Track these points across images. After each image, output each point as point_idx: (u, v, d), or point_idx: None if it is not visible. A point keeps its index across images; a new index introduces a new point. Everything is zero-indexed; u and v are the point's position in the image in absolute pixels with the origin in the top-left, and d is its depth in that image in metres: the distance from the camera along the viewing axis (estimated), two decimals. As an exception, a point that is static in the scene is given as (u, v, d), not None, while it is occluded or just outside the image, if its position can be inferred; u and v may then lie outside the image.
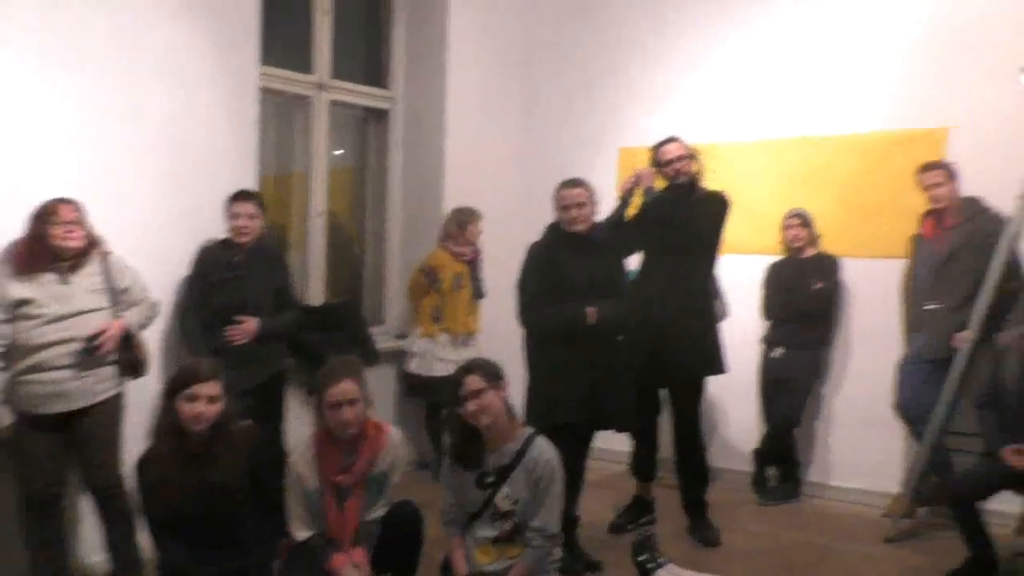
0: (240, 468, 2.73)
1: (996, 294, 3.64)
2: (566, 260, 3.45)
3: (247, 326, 3.57)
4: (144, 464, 2.72)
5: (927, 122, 4.21)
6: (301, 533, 2.80)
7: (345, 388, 2.75)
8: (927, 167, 3.92)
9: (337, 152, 5.04)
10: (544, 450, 2.77)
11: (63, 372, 2.98)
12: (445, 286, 4.55)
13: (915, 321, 4.02)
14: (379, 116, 5.16)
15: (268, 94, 4.33)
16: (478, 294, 4.68)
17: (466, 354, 4.52)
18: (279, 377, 3.80)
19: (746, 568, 3.37)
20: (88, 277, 3.08)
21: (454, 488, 2.85)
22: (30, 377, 2.96)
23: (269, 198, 4.58)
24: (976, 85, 4.05)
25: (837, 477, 4.49)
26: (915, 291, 4.02)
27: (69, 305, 3.00)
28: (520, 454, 2.76)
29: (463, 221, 4.59)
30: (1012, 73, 3.67)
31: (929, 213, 3.98)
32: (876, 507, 4.22)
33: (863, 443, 4.38)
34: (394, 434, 2.93)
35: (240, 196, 3.65)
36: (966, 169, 3.91)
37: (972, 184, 3.90)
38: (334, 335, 4.36)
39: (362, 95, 4.99)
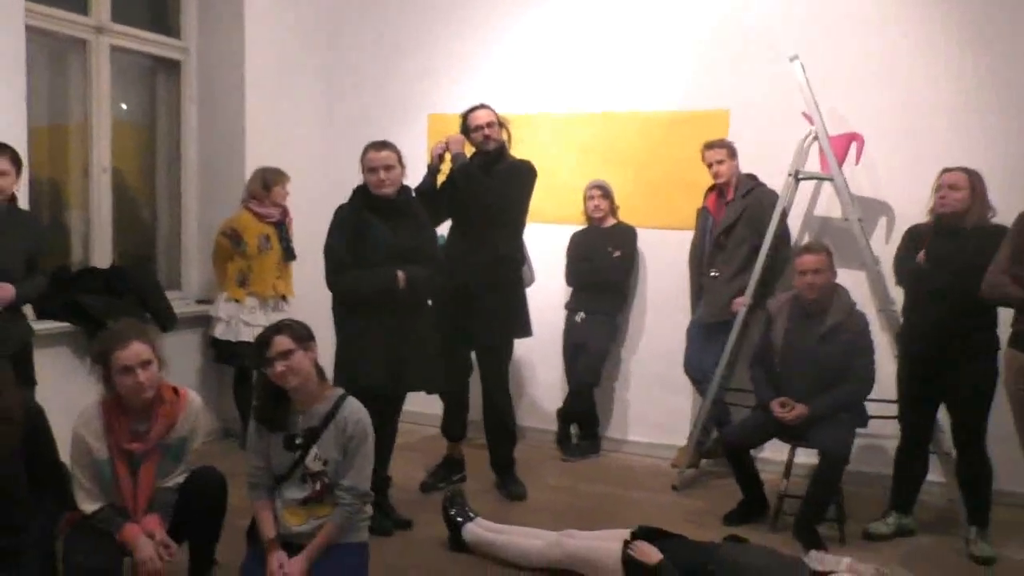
0: (13, 443, 2.48)
1: (768, 263, 4.05)
2: (374, 224, 3.41)
3: (2, 293, 3.20)
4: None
5: (711, 103, 4.57)
6: (88, 506, 2.60)
7: (137, 350, 2.57)
8: (710, 145, 4.26)
9: (124, 106, 4.65)
10: (355, 410, 2.75)
11: None
12: (251, 249, 4.37)
13: (699, 288, 4.39)
14: (170, 67, 4.81)
15: (37, 34, 3.91)
16: (288, 256, 4.53)
17: (275, 318, 4.36)
18: (29, 345, 3.46)
19: (550, 519, 3.54)
20: None
21: (260, 451, 2.75)
22: None
23: (43, 151, 4.17)
24: (754, 71, 4.43)
25: (632, 432, 4.82)
26: (698, 260, 4.37)
27: None
28: (330, 415, 2.72)
29: (268, 182, 4.41)
30: (784, 62, 4.06)
31: (712, 188, 4.34)
32: (666, 459, 4.58)
33: (655, 401, 4.73)
34: (193, 398, 2.78)
35: None
36: (744, 147, 4.29)
37: (749, 161, 4.30)
38: (122, 300, 4.08)
39: (149, 43, 4.63)
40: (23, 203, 3.55)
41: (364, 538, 2.80)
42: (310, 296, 4.32)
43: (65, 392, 3.53)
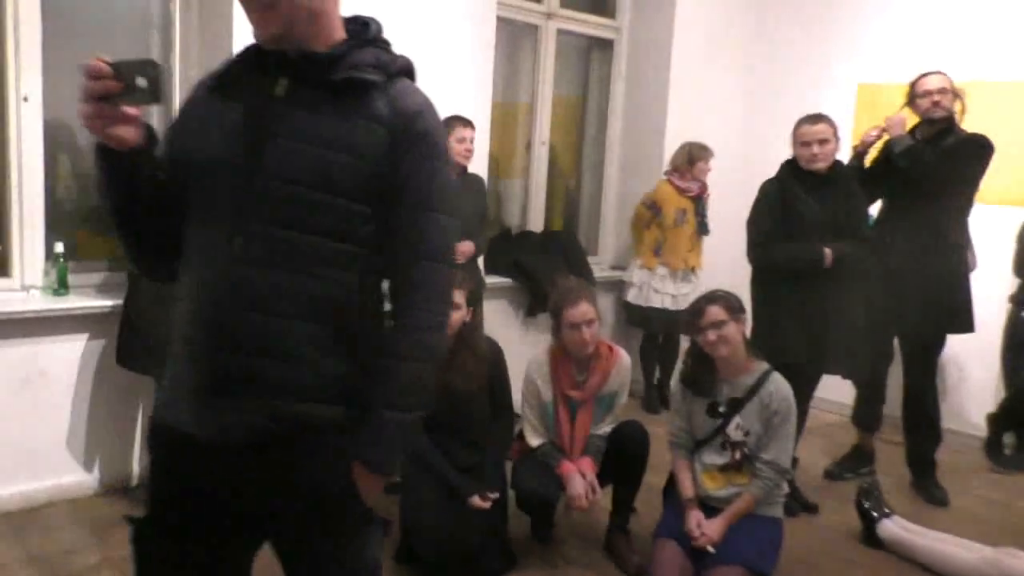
0: (482, 376, 2.92)
1: None
2: (801, 198, 3.34)
3: (464, 247, 3.71)
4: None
5: None
6: (534, 440, 2.98)
7: (584, 310, 2.85)
8: None
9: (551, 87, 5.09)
10: (781, 387, 2.75)
11: None
12: (668, 220, 4.55)
13: None
14: (603, 46, 5.14)
15: (501, 23, 4.43)
16: (702, 230, 4.63)
17: (684, 289, 4.55)
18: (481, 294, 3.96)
19: (976, 531, 3.19)
20: None
21: (684, 414, 2.89)
22: None
23: (494, 126, 4.75)
24: None
25: (1088, 451, 4.11)
26: None
27: None
28: (755, 388, 2.75)
29: (694, 156, 4.53)
30: None
31: None
32: None
33: (1123, 419, 3.97)
34: (624, 357, 3.02)
35: (464, 122, 3.76)
36: None
37: None
38: (552, 260, 4.52)
39: (588, 24, 4.99)
40: (482, 173, 4.13)
41: (780, 514, 2.80)
42: (720, 268, 4.37)
43: (504, 338, 4.04)
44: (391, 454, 1.35)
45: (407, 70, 1.39)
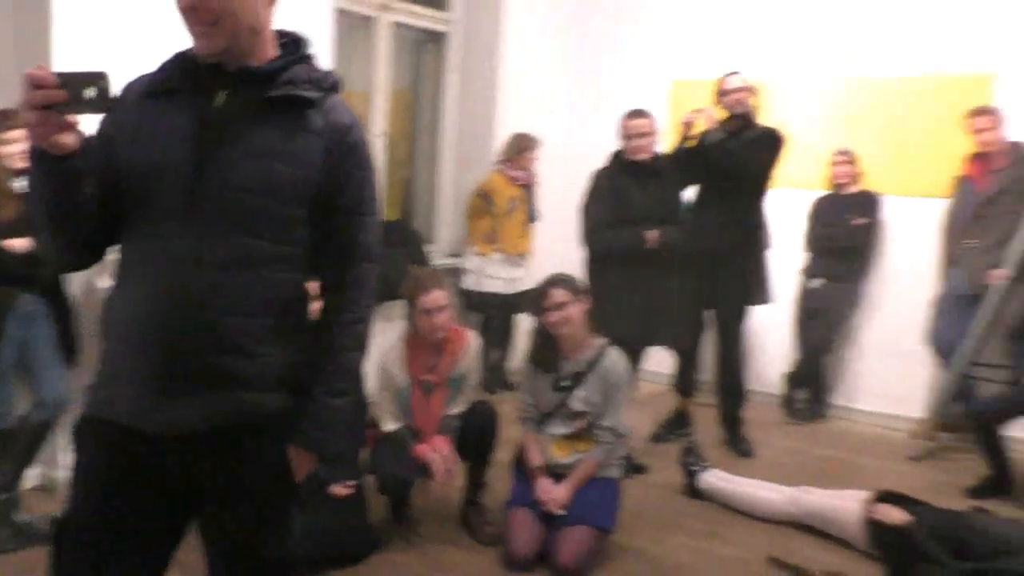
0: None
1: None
2: (628, 187, 3.66)
3: None
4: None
5: (974, 67, 4.34)
6: (389, 425, 3.08)
7: (437, 296, 2.99)
8: (977, 112, 4.08)
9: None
10: (617, 360, 3.03)
11: None
12: (500, 209, 4.75)
13: (952, 258, 4.25)
14: (436, 39, 5.25)
15: (336, 14, 4.42)
16: (532, 218, 4.88)
17: (516, 273, 4.79)
18: None
19: (779, 475, 3.66)
20: None
21: (531, 389, 3.10)
22: None
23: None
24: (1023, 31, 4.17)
25: (863, 401, 4.79)
26: (954, 229, 4.23)
27: None
28: (594, 362, 3.01)
29: (522, 147, 4.76)
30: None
31: (975, 156, 4.15)
32: (899, 430, 4.52)
33: (890, 371, 4.66)
34: (472, 339, 3.19)
35: None
36: (1010, 115, 4.06)
37: (1016, 130, 4.07)
38: (394, 249, 4.59)
39: (423, 17, 5.08)
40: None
41: (617, 475, 3.09)
42: (550, 252, 4.65)
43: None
44: (329, 436, 1.47)
45: (336, 86, 1.49)
